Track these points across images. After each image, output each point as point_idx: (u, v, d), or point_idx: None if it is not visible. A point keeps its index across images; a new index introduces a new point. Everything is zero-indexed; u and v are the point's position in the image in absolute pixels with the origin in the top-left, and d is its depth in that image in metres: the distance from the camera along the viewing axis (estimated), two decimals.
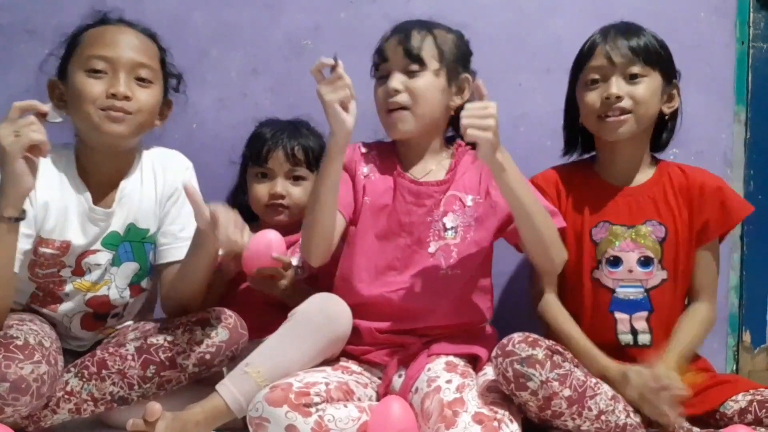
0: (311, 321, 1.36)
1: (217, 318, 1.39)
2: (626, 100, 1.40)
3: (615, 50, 1.42)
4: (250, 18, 1.85)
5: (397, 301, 1.43)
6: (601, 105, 1.42)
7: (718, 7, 1.82)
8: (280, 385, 1.25)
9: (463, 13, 1.79)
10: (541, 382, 1.22)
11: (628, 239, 1.44)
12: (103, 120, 1.35)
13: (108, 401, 1.33)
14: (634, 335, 1.43)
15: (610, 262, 1.45)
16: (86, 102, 1.35)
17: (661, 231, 1.44)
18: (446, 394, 1.27)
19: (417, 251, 1.46)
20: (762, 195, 1.83)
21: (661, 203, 1.45)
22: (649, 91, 1.41)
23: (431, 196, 1.47)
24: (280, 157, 1.63)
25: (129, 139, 1.40)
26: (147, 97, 1.39)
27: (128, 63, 1.37)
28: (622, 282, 1.44)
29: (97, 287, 1.44)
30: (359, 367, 1.43)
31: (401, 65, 1.44)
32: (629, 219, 1.45)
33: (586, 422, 1.25)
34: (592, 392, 1.26)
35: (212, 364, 1.37)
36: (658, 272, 1.44)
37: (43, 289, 1.43)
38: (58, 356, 1.30)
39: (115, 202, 1.43)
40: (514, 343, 1.25)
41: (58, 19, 1.43)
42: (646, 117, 1.42)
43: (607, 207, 1.46)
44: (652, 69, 1.42)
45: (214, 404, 1.30)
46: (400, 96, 1.43)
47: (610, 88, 1.41)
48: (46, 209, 1.37)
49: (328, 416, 1.23)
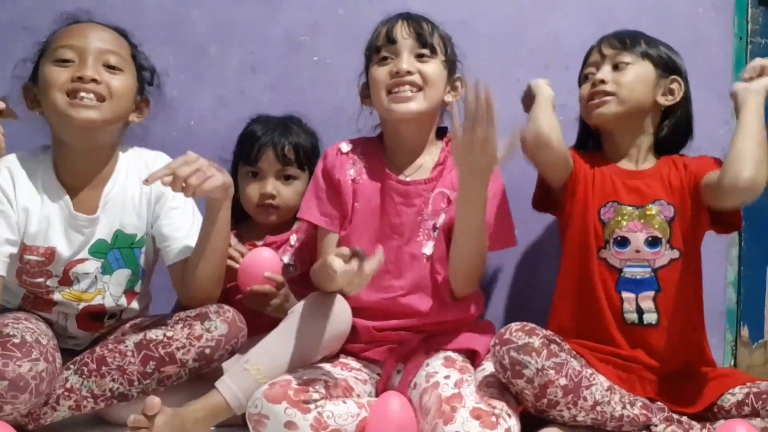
0: (311, 318, 1.36)
1: (215, 312, 1.38)
2: (610, 84, 1.45)
3: (606, 45, 1.49)
4: (248, 15, 1.85)
5: (395, 305, 1.44)
6: (589, 91, 1.49)
7: (716, 3, 1.82)
8: (279, 381, 1.25)
9: (461, 9, 1.79)
10: (537, 370, 1.23)
11: (636, 219, 1.44)
12: (71, 107, 1.33)
13: (108, 398, 1.33)
14: (639, 314, 1.42)
15: (617, 242, 1.45)
16: (53, 89, 1.33)
17: (670, 210, 1.44)
18: (444, 389, 1.27)
19: (410, 253, 1.45)
20: None
21: (666, 183, 1.46)
22: (635, 76, 1.46)
23: (420, 194, 1.46)
24: (270, 157, 1.62)
25: (102, 128, 1.37)
26: (117, 83, 1.37)
27: (96, 50, 1.36)
28: (629, 262, 1.44)
29: (90, 297, 1.44)
30: (358, 363, 1.44)
31: (411, 48, 1.44)
32: (637, 199, 1.46)
33: (582, 412, 1.26)
34: (588, 382, 1.26)
35: (212, 358, 1.36)
36: (666, 252, 1.43)
37: (33, 294, 1.43)
38: (55, 353, 1.30)
39: (99, 208, 1.42)
40: (511, 331, 1.27)
41: (55, 16, 1.43)
42: (630, 100, 1.45)
43: (615, 187, 1.47)
44: (642, 59, 1.47)
45: (213, 401, 1.30)
46: (414, 76, 1.43)
47: (597, 74, 1.48)
48: (27, 214, 1.37)
49: (327, 412, 1.23)
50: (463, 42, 1.55)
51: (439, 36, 1.48)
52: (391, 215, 1.46)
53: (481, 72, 1.56)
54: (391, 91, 1.44)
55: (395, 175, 1.48)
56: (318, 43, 1.84)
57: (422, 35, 1.44)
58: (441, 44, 1.47)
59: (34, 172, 1.39)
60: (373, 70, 1.47)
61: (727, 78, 1.81)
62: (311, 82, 1.84)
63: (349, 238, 1.46)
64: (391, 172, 1.48)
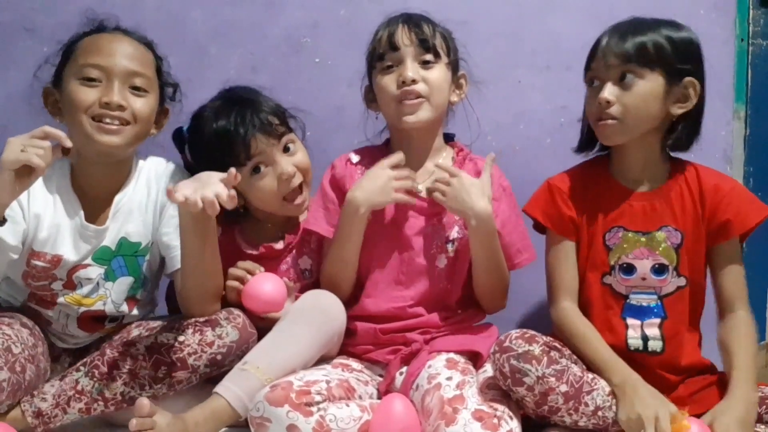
0: (305, 315, 1.37)
1: (226, 318, 1.38)
2: (616, 107, 1.34)
3: (610, 52, 1.36)
4: (248, 15, 1.84)
5: (404, 315, 1.45)
6: (596, 108, 1.38)
7: (717, 4, 1.82)
8: (280, 384, 1.25)
9: (462, 10, 1.79)
10: (537, 378, 1.22)
11: (643, 246, 1.40)
12: (96, 130, 1.34)
13: (119, 401, 1.32)
14: (644, 341, 1.39)
15: (623, 269, 1.40)
16: (79, 111, 1.34)
17: (677, 237, 1.39)
18: (446, 391, 1.27)
19: (422, 264, 1.46)
20: (761, 192, 1.82)
21: (677, 208, 1.39)
22: (643, 95, 1.34)
23: (433, 206, 1.47)
24: (263, 140, 1.46)
25: (124, 150, 1.39)
26: (142, 106, 1.38)
27: (123, 72, 1.36)
28: (635, 289, 1.40)
29: (91, 302, 1.44)
30: (359, 364, 1.44)
31: (414, 54, 1.43)
32: (644, 225, 1.40)
33: (583, 418, 1.25)
34: (589, 387, 1.25)
35: (223, 364, 1.36)
36: (673, 279, 1.39)
37: (36, 295, 1.44)
38: (28, 364, 1.29)
39: (108, 219, 1.42)
40: (511, 339, 1.25)
41: (57, 18, 1.43)
42: (638, 125, 1.36)
43: (621, 211, 1.41)
44: (651, 70, 1.34)
45: (214, 405, 1.28)
46: (419, 85, 1.41)
47: (602, 92, 1.36)
48: (38, 221, 1.37)
49: (330, 416, 1.23)
50: (464, 42, 1.54)
51: (441, 36, 1.46)
52: (403, 227, 1.46)
53: (482, 72, 1.58)
54: (401, 101, 1.42)
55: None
56: (319, 44, 1.84)
57: (425, 40, 1.42)
58: (444, 46, 1.46)
59: (50, 179, 1.40)
60: (378, 79, 1.46)
61: (728, 79, 1.81)
62: (312, 83, 1.84)
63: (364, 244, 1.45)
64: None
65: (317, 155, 1.63)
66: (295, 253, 1.57)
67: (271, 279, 1.44)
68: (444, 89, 1.45)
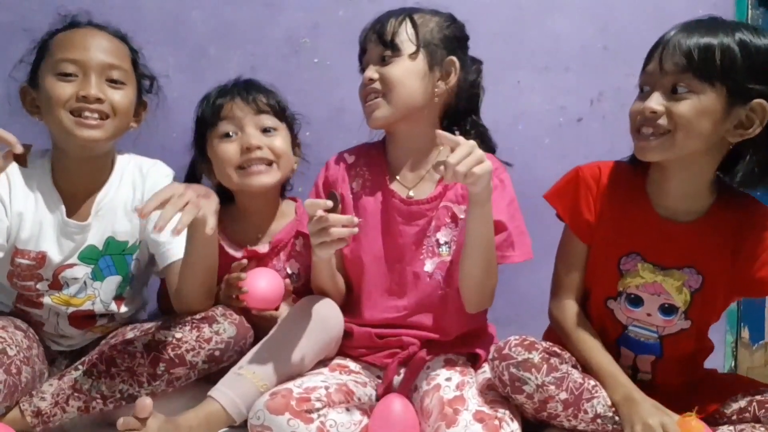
0: (301, 321, 1.36)
1: (222, 315, 1.38)
2: (663, 119, 1.19)
3: (669, 54, 1.19)
4: (248, 16, 1.85)
5: (401, 324, 1.43)
6: (639, 116, 1.23)
7: (716, 4, 1.82)
8: (280, 391, 1.24)
9: (461, 10, 1.77)
10: (537, 386, 1.20)
11: (657, 282, 1.30)
12: (76, 126, 1.33)
13: (117, 399, 1.32)
14: (634, 371, 1.35)
15: (630, 300, 1.33)
16: (57, 106, 1.33)
17: (697, 282, 1.28)
18: (446, 392, 1.27)
19: (413, 272, 1.42)
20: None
21: (707, 248, 1.26)
22: (696, 111, 1.17)
23: (423, 215, 1.41)
24: (241, 106, 1.47)
25: (104, 144, 1.39)
26: (120, 99, 1.37)
27: (99, 65, 1.36)
28: (637, 322, 1.34)
29: (79, 302, 1.44)
30: (357, 365, 1.43)
31: (376, 54, 1.40)
32: (664, 259, 1.29)
33: (582, 424, 1.23)
34: (589, 395, 1.23)
35: (221, 360, 1.36)
36: (679, 321, 1.32)
37: (23, 296, 1.44)
38: (23, 366, 1.29)
39: (90, 215, 1.42)
40: (510, 346, 1.23)
41: (55, 18, 1.43)
42: (687, 142, 1.19)
43: (644, 238, 1.29)
44: (711, 86, 1.16)
45: (208, 409, 1.28)
46: (375, 84, 1.38)
47: (649, 100, 1.20)
48: (20, 219, 1.37)
49: (330, 422, 1.22)
50: None
51: (411, 27, 1.37)
52: (393, 235, 1.43)
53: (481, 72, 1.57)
54: (365, 101, 1.41)
55: (398, 193, 1.43)
56: (318, 45, 1.84)
57: (383, 36, 1.37)
58: (411, 36, 1.37)
59: (31, 176, 1.39)
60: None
61: None
62: (311, 83, 1.84)
63: (350, 255, 1.44)
64: (395, 189, 1.43)
65: (317, 155, 1.63)
66: (281, 256, 1.56)
67: (267, 276, 1.45)
68: (407, 83, 1.36)
